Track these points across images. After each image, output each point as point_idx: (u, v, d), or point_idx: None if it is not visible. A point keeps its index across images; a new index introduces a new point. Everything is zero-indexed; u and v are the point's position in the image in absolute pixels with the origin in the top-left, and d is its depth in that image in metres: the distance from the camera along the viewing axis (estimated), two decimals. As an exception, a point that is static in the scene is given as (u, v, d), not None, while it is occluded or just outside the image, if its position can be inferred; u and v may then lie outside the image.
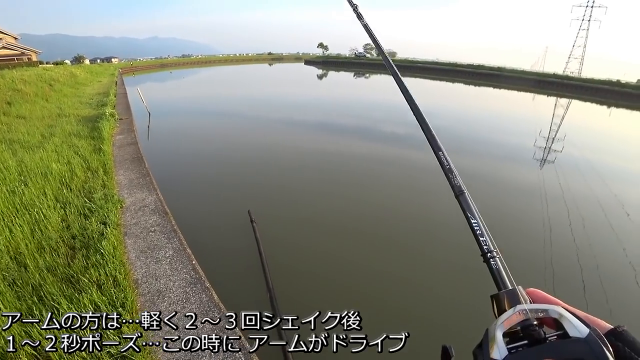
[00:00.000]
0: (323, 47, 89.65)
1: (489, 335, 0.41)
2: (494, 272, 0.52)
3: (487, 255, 0.54)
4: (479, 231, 0.57)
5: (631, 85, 33.40)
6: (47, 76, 21.89)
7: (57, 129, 10.02)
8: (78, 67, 38.80)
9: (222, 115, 18.03)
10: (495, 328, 0.41)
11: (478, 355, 0.41)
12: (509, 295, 0.47)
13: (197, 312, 3.18)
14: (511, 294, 0.47)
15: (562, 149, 13.25)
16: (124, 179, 6.62)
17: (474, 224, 0.58)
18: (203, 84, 38.67)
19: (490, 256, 0.53)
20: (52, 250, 4.05)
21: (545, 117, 21.22)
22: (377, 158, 10.85)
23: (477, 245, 0.56)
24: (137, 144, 9.13)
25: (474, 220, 0.58)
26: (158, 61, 72.81)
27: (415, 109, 0.82)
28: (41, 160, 6.91)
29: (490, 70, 45.92)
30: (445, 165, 0.68)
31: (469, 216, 0.59)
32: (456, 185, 0.64)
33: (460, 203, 0.62)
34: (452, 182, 0.65)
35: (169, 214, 5.24)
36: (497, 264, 0.53)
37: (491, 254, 0.53)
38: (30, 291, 3.32)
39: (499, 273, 0.51)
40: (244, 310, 2.34)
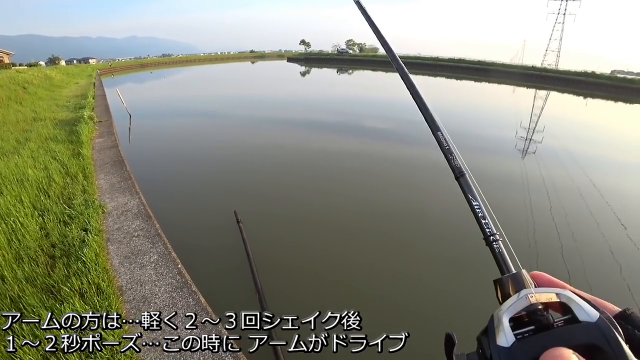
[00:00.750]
0: (305, 44, 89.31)
1: (494, 321, 0.40)
2: (496, 256, 0.50)
3: (490, 239, 0.52)
4: (480, 213, 0.55)
5: (605, 76, 34.60)
6: (20, 79, 21.14)
7: (33, 134, 9.68)
8: (53, 68, 37.63)
9: (204, 115, 17.76)
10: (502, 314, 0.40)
11: (483, 342, 0.40)
12: (513, 279, 0.45)
13: (184, 316, 3.13)
14: (516, 278, 0.45)
15: (542, 139, 13.58)
16: (104, 184, 6.45)
17: (475, 206, 0.56)
18: (185, 84, 38.03)
19: (493, 239, 0.51)
20: (30, 260, 3.92)
21: (525, 109, 21.71)
22: (367, 154, 10.88)
23: (479, 228, 0.54)
24: (118, 147, 8.91)
25: (476, 203, 0.56)
26: (138, 61, 71.20)
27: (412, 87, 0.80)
28: (16, 167, 6.67)
29: (471, 64, 46.67)
30: (445, 145, 0.64)
31: (470, 198, 0.57)
32: (456, 166, 0.61)
33: (460, 185, 0.59)
34: (452, 163, 0.62)
35: (153, 217, 5.14)
36: (500, 247, 0.51)
37: (494, 237, 0.52)
38: (8, 304, 3.20)
39: (502, 257, 0.50)
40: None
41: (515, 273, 0.46)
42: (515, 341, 0.37)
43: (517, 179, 8.89)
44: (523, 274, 0.46)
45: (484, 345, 0.39)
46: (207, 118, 16.99)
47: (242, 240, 5.39)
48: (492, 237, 0.52)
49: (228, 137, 13.14)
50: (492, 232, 0.52)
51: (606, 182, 8.89)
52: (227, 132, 14.17)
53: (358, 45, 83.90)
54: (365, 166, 9.65)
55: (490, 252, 0.51)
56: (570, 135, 15.48)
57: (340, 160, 10.13)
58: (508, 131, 14.69)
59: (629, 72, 45.77)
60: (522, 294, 0.41)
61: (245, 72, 53.00)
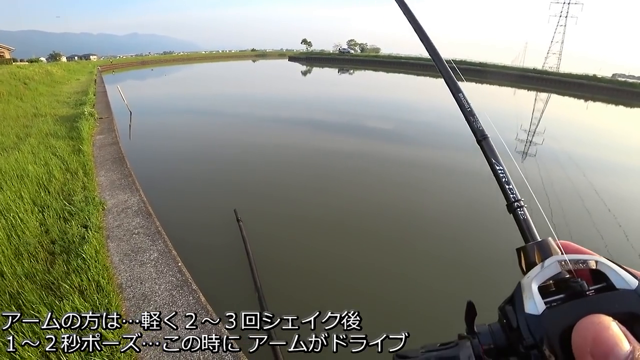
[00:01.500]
0: (307, 43, 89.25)
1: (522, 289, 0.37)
2: (521, 223, 0.48)
3: (514, 205, 0.49)
4: (504, 178, 0.52)
5: (606, 79, 34.60)
6: (21, 74, 21.12)
7: (33, 129, 9.67)
8: (54, 64, 37.53)
9: (205, 113, 17.75)
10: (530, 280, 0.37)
11: (508, 312, 0.37)
12: (539, 246, 0.43)
13: (184, 315, 3.12)
14: (542, 245, 0.43)
15: (542, 142, 13.58)
16: (105, 180, 6.44)
17: (499, 170, 0.53)
18: (186, 82, 37.97)
19: (518, 205, 0.49)
20: (30, 256, 3.91)
21: (526, 111, 21.72)
22: (367, 154, 10.87)
23: (503, 194, 0.51)
24: (119, 144, 8.90)
25: (499, 167, 0.53)
26: (139, 58, 71.12)
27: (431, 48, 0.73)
28: (17, 162, 6.66)
29: (472, 66, 46.65)
30: (467, 107, 0.61)
31: (494, 162, 0.54)
32: (478, 129, 0.58)
33: (483, 149, 0.56)
34: (474, 125, 0.59)
35: (153, 215, 5.13)
36: (524, 214, 0.48)
37: (518, 203, 0.49)
38: (7, 300, 3.19)
39: (527, 224, 0.47)
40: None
41: (542, 240, 0.44)
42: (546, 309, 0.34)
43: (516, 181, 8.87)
44: (550, 241, 0.43)
45: (509, 315, 0.37)
46: (207, 116, 16.98)
47: (242, 239, 5.38)
48: (517, 203, 0.49)
49: (228, 136, 13.12)
50: (516, 198, 0.50)
51: (605, 184, 8.89)
52: (227, 130, 14.15)
53: (360, 46, 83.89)
54: (366, 166, 9.65)
55: (514, 219, 0.49)
56: (571, 138, 15.49)
57: (340, 160, 10.12)
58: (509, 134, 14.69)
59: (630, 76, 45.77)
60: (551, 260, 0.39)
61: (247, 71, 52.98)
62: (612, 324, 0.30)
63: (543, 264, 0.39)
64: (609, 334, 0.29)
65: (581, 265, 0.38)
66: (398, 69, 50.43)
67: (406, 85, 36.29)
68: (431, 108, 21.22)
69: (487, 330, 0.39)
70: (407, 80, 40.17)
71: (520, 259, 0.44)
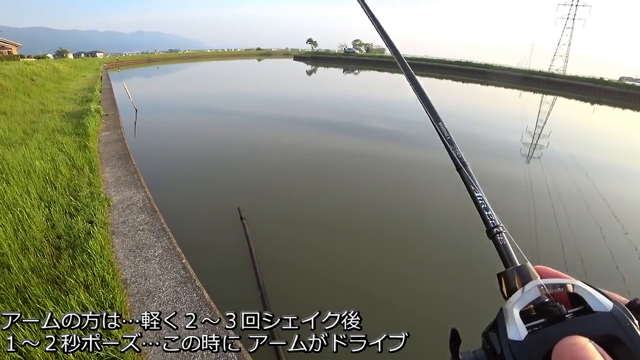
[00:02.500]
0: (312, 42, 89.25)
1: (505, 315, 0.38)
2: (500, 249, 0.49)
3: (494, 231, 0.50)
4: (483, 205, 0.53)
5: (613, 83, 34.29)
6: (28, 71, 21.28)
7: (40, 125, 9.75)
8: (61, 61, 37.81)
9: (210, 111, 17.82)
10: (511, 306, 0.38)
11: (491, 338, 0.38)
12: (519, 271, 0.44)
13: (188, 311, 3.14)
14: (522, 270, 0.44)
15: (547, 144, 13.51)
16: (110, 177, 6.49)
17: (478, 197, 0.54)
18: (191, 80, 38.11)
19: (497, 231, 0.50)
20: (36, 250, 3.95)
21: (532, 114, 21.59)
22: (371, 154, 10.87)
23: (482, 220, 0.52)
24: (124, 141, 8.96)
25: (478, 194, 0.55)
26: (145, 56, 71.47)
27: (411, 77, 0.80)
28: (24, 158, 6.72)
29: (478, 67, 46.43)
30: (446, 136, 0.63)
31: (473, 189, 0.55)
32: (458, 157, 0.60)
33: (462, 176, 0.58)
34: (453, 154, 0.61)
35: (158, 211, 5.16)
36: (504, 239, 0.49)
37: (497, 229, 0.50)
38: (14, 293, 3.23)
39: (506, 249, 0.48)
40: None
41: (521, 265, 0.45)
42: (528, 334, 0.35)
43: (520, 182, 8.85)
44: (529, 266, 0.44)
45: (493, 341, 0.37)
46: (212, 114, 17.04)
47: (245, 237, 5.41)
48: (496, 229, 0.50)
49: (233, 134, 13.16)
50: (495, 224, 0.50)
51: (610, 188, 8.83)
52: (232, 129, 14.19)
53: (365, 46, 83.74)
54: (369, 167, 9.64)
55: (494, 244, 0.49)
56: (576, 141, 15.38)
57: (344, 160, 10.12)
58: (514, 135, 14.62)
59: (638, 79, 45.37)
60: (531, 285, 0.40)
61: (252, 70, 53.05)
62: (588, 345, 0.31)
63: (523, 289, 0.40)
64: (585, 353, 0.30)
65: (559, 289, 0.39)
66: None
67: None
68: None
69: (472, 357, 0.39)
70: (412, 81, 40.09)
71: (501, 284, 0.45)
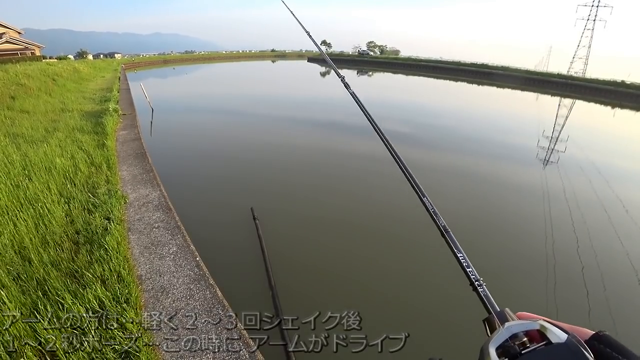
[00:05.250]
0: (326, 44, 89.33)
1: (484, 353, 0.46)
2: (482, 299, 0.59)
3: (476, 284, 0.61)
4: (465, 263, 0.65)
5: (636, 85, 33.13)
6: (50, 71, 21.92)
7: (61, 124, 10.03)
8: (81, 62, 38.81)
9: (225, 112, 18.02)
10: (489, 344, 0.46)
11: None
12: (499, 316, 0.53)
13: (201, 309, 3.18)
14: (500, 315, 0.54)
15: (565, 149, 13.20)
16: (127, 175, 6.63)
17: (460, 258, 0.66)
18: (206, 81, 38.63)
19: (478, 284, 0.61)
20: (56, 245, 4.07)
21: (549, 118, 21.13)
22: (382, 157, 10.77)
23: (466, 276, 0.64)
24: (141, 140, 9.14)
25: (460, 255, 0.66)
26: (161, 57, 72.68)
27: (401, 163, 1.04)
28: (45, 155, 6.93)
29: (494, 70, 45.66)
30: (431, 209, 0.79)
31: (456, 251, 0.68)
32: (441, 225, 0.73)
33: (446, 241, 0.70)
34: (438, 222, 0.75)
35: (173, 210, 5.25)
36: (484, 291, 0.60)
37: (479, 282, 0.61)
38: (34, 285, 3.33)
39: (487, 299, 0.58)
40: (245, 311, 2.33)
41: (500, 311, 0.54)
42: None
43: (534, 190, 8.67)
44: (506, 311, 0.54)
45: None
46: (226, 115, 17.23)
47: (257, 237, 5.45)
48: (477, 282, 0.61)
49: (246, 135, 13.26)
50: (477, 279, 0.62)
51: (627, 194, 8.58)
52: (245, 129, 14.31)
53: (379, 48, 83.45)
54: (381, 169, 9.56)
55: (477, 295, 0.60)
56: (595, 146, 14.98)
57: (356, 162, 10.11)
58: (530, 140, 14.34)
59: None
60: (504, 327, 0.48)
61: (266, 71, 53.44)
62: None
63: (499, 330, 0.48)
64: None
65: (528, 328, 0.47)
66: (417, 72, 49.89)
67: (425, 88, 35.88)
68: (448, 112, 20.96)
69: None
70: (426, 83, 39.72)
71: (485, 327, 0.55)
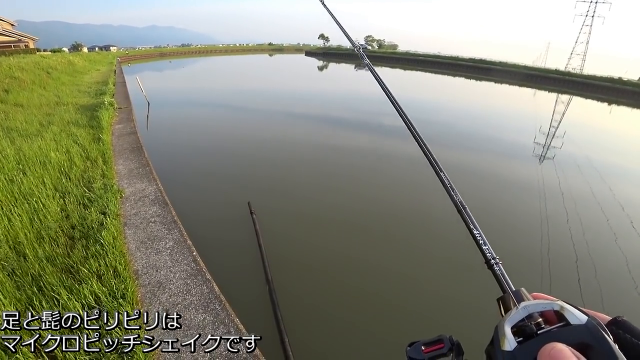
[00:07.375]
0: (324, 38, 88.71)
1: (498, 331, 0.45)
2: (498, 277, 0.58)
3: (491, 262, 0.60)
4: (481, 241, 0.64)
5: (632, 82, 33.26)
6: (44, 64, 21.67)
7: (56, 118, 9.93)
8: (76, 55, 38.32)
9: (222, 106, 17.89)
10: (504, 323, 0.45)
11: (490, 352, 0.44)
12: (515, 295, 0.52)
13: (198, 304, 3.18)
14: (516, 294, 0.52)
15: (561, 145, 13.24)
16: (123, 169, 6.58)
17: (476, 234, 0.65)
18: (203, 74, 38.30)
19: (494, 262, 0.60)
20: (51, 240, 4.04)
21: (546, 114, 21.17)
22: (380, 153, 10.79)
23: (481, 254, 0.62)
24: (137, 134, 9.07)
25: (477, 232, 0.65)
26: (157, 50, 72.00)
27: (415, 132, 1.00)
28: (40, 149, 6.86)
29: (492, 65, 45.61)
30: (447, 184, 0.78)
31: (472, 228, 0.66)
32: (458, 201, 0.73)
33: (462, 217, 0.70)
34: (454, 198, 0.74)
35: (169, 204, 5.22)
36: (500, 269, 0.59)
37: (495, 261, 0.60)
38: (29, 281, 3.30)
39: (504, 277, 0.57)
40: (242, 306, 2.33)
41: (516, 290, 0.53)
42: (517, 345, 0.42)
43: (530, 186, 8.70)
44: (522, 291, 0.53)
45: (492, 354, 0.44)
46: (223, 109, 17.11)
47: (254, 231, 5.44)
48: (493, 260, 0.60)
49: (244, 129, 13.20)
50: (493, 257, 0.61)
51: (623, 191, 8.63)
52: (243, 123, 14.24)
53: (377, 42, 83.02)
54: (379, 165, 9.59)
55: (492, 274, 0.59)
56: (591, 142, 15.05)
57: (355, 158, 10.08)
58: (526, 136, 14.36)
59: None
60: (520, 306, 0.48)
61: (263, 65, 53.10)
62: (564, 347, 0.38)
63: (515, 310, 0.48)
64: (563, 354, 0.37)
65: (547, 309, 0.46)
66: (415, 67, 49.77)
67: (424, 83, 35.81)
68: (448, 107, 20.93)
69: None
70: (424, 78, 39.63)
71: (499, 307, 0.54)
